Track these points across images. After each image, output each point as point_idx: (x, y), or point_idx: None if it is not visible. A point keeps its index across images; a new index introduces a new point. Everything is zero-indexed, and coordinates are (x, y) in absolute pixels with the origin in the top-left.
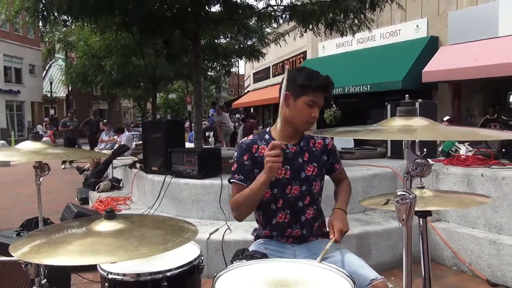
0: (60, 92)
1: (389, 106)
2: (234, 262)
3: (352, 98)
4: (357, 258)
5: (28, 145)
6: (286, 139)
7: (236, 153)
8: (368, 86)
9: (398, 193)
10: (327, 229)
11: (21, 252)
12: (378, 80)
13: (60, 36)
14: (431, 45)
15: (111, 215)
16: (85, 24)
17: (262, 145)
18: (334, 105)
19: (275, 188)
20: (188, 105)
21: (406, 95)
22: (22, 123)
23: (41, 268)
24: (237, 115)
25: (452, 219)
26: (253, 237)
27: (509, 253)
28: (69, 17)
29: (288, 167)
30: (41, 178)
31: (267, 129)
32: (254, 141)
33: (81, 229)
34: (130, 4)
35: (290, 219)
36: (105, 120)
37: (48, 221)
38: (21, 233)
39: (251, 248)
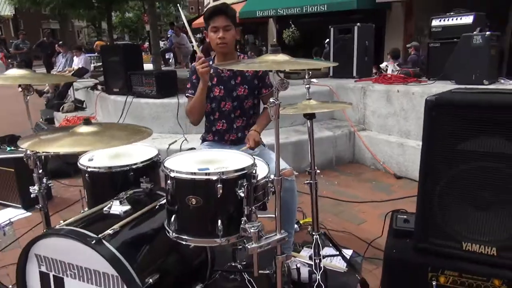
0: (6, 10)
1: (332, 30)
2: None
3: (311, 18)
4: (273, 153)
5: (14, 72)
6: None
7: (189, 74)
8: (325, 5)
9: (270, 101)
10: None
11: (26, 144)
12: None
13: None
14: None
15: (88, 122)
16: None
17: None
18: (292, 26)
19: (213, 103)
20: (146, 25)
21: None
22: None
23: (38, 161)
24: (198, 35)
25: (374, 128)
26: (201, 141)
27: (412, 153)
28: None
29: (222, 87)
30: (28, 97)
31: (212, 56)
32: None
33: (67, 132)
34: None
35: (226, 127)
36: (60, 42)
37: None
38: (1, 147)
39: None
